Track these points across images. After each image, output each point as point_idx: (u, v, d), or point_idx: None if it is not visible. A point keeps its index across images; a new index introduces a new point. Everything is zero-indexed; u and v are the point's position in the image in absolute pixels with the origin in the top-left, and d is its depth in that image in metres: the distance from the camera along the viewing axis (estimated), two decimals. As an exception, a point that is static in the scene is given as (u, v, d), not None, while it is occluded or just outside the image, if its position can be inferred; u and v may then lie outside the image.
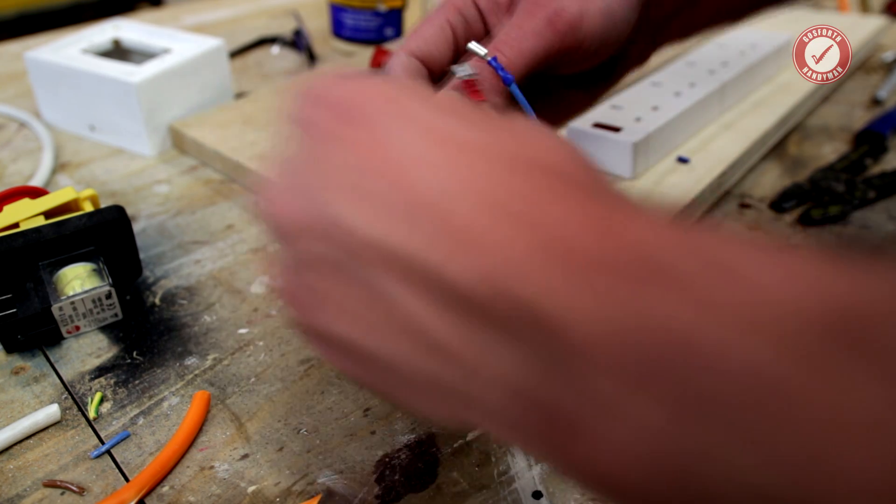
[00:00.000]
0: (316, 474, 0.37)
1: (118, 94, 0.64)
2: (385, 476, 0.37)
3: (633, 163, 0.56)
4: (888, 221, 0.58)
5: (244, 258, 0.53)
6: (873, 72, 0.83)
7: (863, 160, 0.64)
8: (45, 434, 0.39)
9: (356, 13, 0.86)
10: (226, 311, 0.48)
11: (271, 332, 0.46)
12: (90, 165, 0.65)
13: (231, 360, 0.44)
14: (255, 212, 0.26)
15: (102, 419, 0.40)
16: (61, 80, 0.67)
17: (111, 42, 0.72)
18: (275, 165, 0.26)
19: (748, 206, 0.59)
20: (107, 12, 1.04)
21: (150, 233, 0.56)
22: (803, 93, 0.70)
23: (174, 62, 0.66)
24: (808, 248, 0.20)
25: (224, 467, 0.37)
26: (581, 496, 0.36)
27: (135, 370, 0.43)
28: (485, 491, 0.36)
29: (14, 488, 0.36)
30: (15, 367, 0.44)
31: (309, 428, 0.40)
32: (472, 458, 0.38)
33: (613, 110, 0.60)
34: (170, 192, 0.61)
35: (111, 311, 0.46)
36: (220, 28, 0.97)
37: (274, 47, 0.91)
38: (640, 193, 0.30)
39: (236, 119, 0.67)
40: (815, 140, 0.70)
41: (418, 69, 0.39)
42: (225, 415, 0.40)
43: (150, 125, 0.65)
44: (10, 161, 0.66)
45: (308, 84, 0.27)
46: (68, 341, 0.45)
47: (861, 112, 0.74)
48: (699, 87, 0.63)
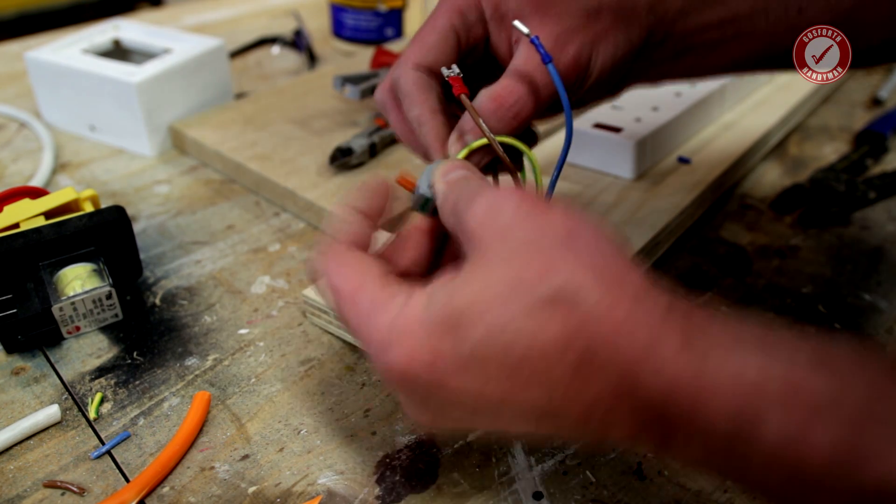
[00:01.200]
0: (316, 475, 0.37)
1: (118, 94, 0.64)
2: (386, 477, 0.37)
3: (634, 163, 0.56)
4: (888, 221, 0.58)
5: (244, 258, 0.53)
6: (873, 72, 0.83)
7: (863, 160, 0.64)
8: (46, 434, 0.39)
9: (356, 13, 0.86)
10: (226, 312, 0.48)
11: (271, 333, 0.46)
12: (90, 166, 0.65)
13: (231, 361, 0.44)
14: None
15: (103, 419, 0.40)
16: (61, 80, 0.67)
17: (111, 42, 0.72)
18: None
19: (749, 207, 0.59)
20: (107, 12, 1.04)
21: (151, 233, 0.56)
22: (803, 93, 0.70)
23: (174, 62, 0.66)
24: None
25: (224, 468, 0.37)
26: (581, 497, 0.36)
27: (135, 371, 0.43)
28: (485, 492, 0.36)
29: (14, 489, 0.36)
30: (15, 368, 0.44)
31: (309, 428, 0.40)
32: (472, 459, 0.38)
33: (614, 110, 0.60)
34: (170, 193, 0.61)
35: (111, 312, 0.46)
36: (220, 28, 0.97)
37: (274, 47, 0.91)
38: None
39: (236, 119, 0.67)
40: (816, 140, 0.70)
41: (428, 84, 0.39)
42: (225, 415, 0.40)
43: (150, 125, 0.65)
44: (10, 161, 0.66)
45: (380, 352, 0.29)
46: (68, 342, 0.45)
47: (861, 112, 0.74)
48: (699, 87, 0.63)
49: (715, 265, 0.53)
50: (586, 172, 0.58)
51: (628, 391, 0.26)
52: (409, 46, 0.40)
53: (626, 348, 0.25)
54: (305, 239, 0.55)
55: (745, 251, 0.54)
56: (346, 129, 0.66)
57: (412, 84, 0.39)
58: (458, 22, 0.40)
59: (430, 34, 0.40)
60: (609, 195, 0.55)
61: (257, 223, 0.57)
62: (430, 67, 0.39)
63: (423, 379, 0.28)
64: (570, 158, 0.59)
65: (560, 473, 0.37)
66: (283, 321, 0.47)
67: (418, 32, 0.41)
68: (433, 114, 0.38)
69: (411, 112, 0.39)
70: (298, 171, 0.59)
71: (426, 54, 0.39)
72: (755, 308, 0.49)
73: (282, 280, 0.51)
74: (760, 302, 0.49)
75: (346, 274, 0.31)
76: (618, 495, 0.36)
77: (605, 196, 0.55)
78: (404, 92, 0.39)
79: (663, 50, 0.42)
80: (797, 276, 0.52)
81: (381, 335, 0.29)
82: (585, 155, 0.58)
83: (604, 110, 0.60)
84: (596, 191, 0.55)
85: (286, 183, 0.57)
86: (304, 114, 0.69)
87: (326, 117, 0.68)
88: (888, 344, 0.46)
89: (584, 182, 0.57)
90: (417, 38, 0.40)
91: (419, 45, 0.40)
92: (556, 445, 0.38)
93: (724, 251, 0.54)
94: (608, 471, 0.37)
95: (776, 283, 0.51)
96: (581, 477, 0.37)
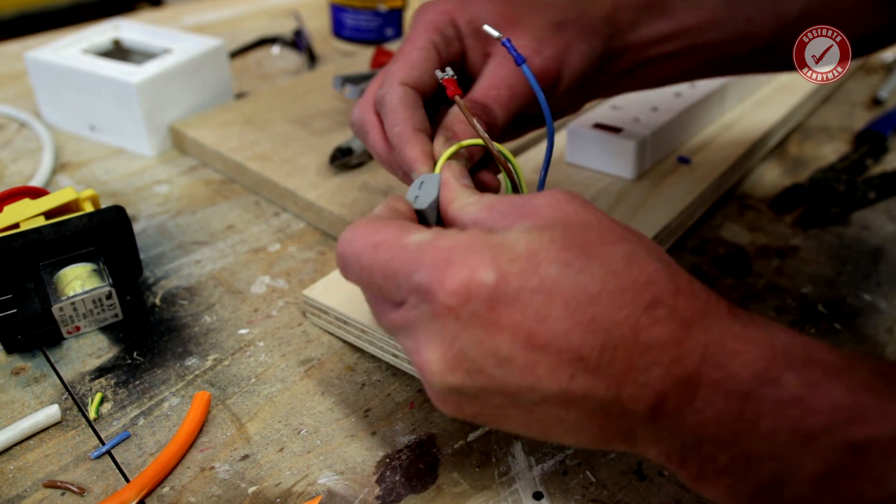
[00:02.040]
0: (316, 475, 0.37)
1: (118, 94, 0.64)
2: (386, 477, 0.37)
3: (634, 163, 0.55)
4: (888, 222, 0.58)
5: (244, 258, 0.53)
6: (873, 72, 0.83)
7: (863, 160, 0.64)
8: (46, 435, 0.39)
9: (357, 13, 0.86)
10: (226, 312, 0.48)
11: (272, 333, 0.46)
12: (90, 165, 0.65)
13: (231, 361, 0.44)
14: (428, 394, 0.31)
15: (103, 420, 0.40)
16: (61, 80, 0.67)
17: (111, 42, 0.72)
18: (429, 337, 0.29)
19: (749, 207, 0.59)
20: (107, 12, 1.04)
21: (151, 233, 0.56)
22: (803, 93, 0.70)
23: (174, 62, 0.66)
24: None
25: (224, 468, 0.37)
26: (581, 497, 0.36)
27: (135, 371, 0.43)
28: (485, 492, 0.36)
29: (14, 489, 0.36)
30: (15, 368, 0.44)
31: (309, 429, 0.40)
32: (472, 459, 0.38)
33: (613, 111, 0.60)
34: (170, 193, 0.61)
35: (111, 312, 0.46)
36: (220, 28, 0.97)
37: (274, 47, 0.91)
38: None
39: (236, 119, 0.67)
40: (816, 140, 0.70)
41: (415, 100, 0.40)
42: (225, 415, 0.40)
43: (150, 125, 0.65)
44: (10, 161, 0.66)
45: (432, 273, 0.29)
46: (68, 342, 0.45)
47: (861, 112, 0.74)
48: (699, 87, 0.63)
49: (715, 265, 0.53)
50: (586, 172, 0.58)
51: (676, 343, 0.27)
52: (393, 65, 0.41)
53: (684, 307, 0.28)
54: (305, 239, 0.55)
55: (745, 251, 0.54)
56: (346, 129, 0.66)
57: (399, 100, 0.39)
58: (437, 39, 0.41)
59: (413, 51, 0.41)
60: (609, 195, 0.55)
61: (257, 223, 0.57)
62: (414, 84, 0.40)
63: (479, 299, 0.27)
64: (570, 158, 0.59)
65: (560, 473, 0.37)
66: (283, 321, 0.47)
67: (400, 51, 0.41)
68: (419, 131, 0.39)
69: (395, 128, 0.39)
70: (298, 171, 0.59)
71: (411, 71, 0.40)
72: (755, 308, 0.49)
73: (282, 280, 0.51)
74: (760, 302, 0.49)
75: (383, 227, 0.31)
76: (618, 495, 0.36)
77: (605, 196, 0.55)
78: (391, 107, 0.39)
79: (621, 62, 0.45)
80: (797, 276, 0.52)
81: (440, 254, 0.28)
82: (585, 155, 0.58)
83: (604, 110, 0.60)
84: (596, 191, 0.55)
85: (286, 183, 0.57)
86: (304, 114, 0.69)
87: (326, 117, 0.68)
88: (888, 344, 0.46)
89: (584, 182, 0.57)
90: (401, 57, 0.41)
91: (403, 63, 0.40)
92: (557, 445, 0.38)
93: (724, 251, 0.54)
94: (608, 471, 0.37)
95: (776, 283, 0.51)
96: (581, 477, 0.37)
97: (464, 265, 0.28)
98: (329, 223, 0.55)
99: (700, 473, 0.28)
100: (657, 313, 0.28)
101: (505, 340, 0.27)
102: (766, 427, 0.26)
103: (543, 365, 0.27)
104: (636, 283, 0.28)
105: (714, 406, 0.27)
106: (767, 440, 0.26)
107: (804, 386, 0.26)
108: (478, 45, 0.42)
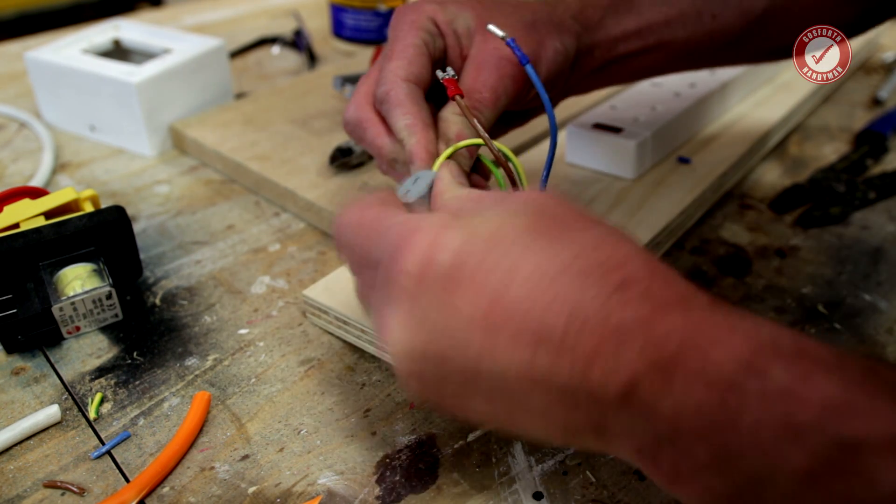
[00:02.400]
0: (316, 475, 0.37)
1: (118, 94, 0.64)
2: (386, 477, 0.37)
3: (634, 163, 0.55)
4: (888, 222, 0.58)
5: (244, 258, 0.53)
6: (873, 72, 0.83)
7: (863, 160, 0.64)
8: (46, 435, 0.39)
9: (357, 13, 0.86)
10: (226, 312, 0.48)
11: (272, 333, 0.46)
12: (90, 166, 0.65)
13: (231, 361, 0.44)
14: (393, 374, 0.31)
15: (103, 420, 0.40)
16: (61, 80, 0.67)
17: (111, 42, 0.72)
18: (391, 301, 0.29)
19: (749, 207, 0.59)
20: (107, 12, 1.04)
21: (151, 233, 0.56)
22: (803, 93, 0.70)
23: (174, 62, 0.66)
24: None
25: (224, 468, 0.37)
26: (581, 497, 0.36)
27: (135, 371, 0.43)
28: (485, 492, 0.36)
29: (14, 489, 0.36)
30: (15, 368, 0.44)
31: (309, 429, 0.40)
32: (472, 459, 0.38)
33: (613, 111, 0.60)
34: (170, 193, 0.61)
35: (111, 312, 0.46)
36: (220, 28, 0.97)
37: (274, 47, 0.91)
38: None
39: (236, 119, 0.67)
40: (816, 140, 0.70)
41: (420, 96, 0.40)
42: (225, 415, 0.40)
43: (150, 125, 0.65)
44: (10, 161, 0.66)
45: (404, 239, 0.29)
46: (68, 342, 0.45)
47: (861, 112, 0.74)
48: (699, 87, 0.63)
49: (715, 265, 0.53)
50: (586, 172, 0.58)
51: (650, 325, 0.26)
52: (390, 62, 0.41)
53: (660, 290, 0.27)
54: (305, 239, 0.55)
55: (745, 251, 0.54)
56: (346, 129, 0.66)
57: (406, 95, 0.39)
58: (425, 37, 0.42)
59: (408, 48, 0.41)
60: (609, 195, 0.55)
61: (257, 223, 0.57)
62: (415, 80, 0.40)
63: (435, 273, 0.27)
64: (570, 159, 0.59)
65: (560, 473, 0.37)
66: (283, 321, 0.47)
67: (393, 49, 0.41)
68: (428, 126, 0.39)
69: (404, 120, 0.39)
70: (298, 171, 0.59)
71: (410, 68, 0.40)
72: (755, 308, 0.49)
73: (282, 280, 0.51)
74: (760, 302, 0.49)
75: (369, 208, 0.33)
76: (618, 495, 0.36)
77: (605, 196, 0.55)
78: (398, 102, 0.39)
79: (592, 59, 0.46)
80: (797, 276, 0.52)
81: (406, 229, 0.29)
82: (585, 155, 0.58)
83: (604, 110, 0.60)
84: (596, 191, 0.55)
85: (286, 183, 0.57)
86: (304, 114, 0.69)
87: (326, 117, 0.68)
88: (888, 344, 0.46)
89: (584, 182, 0.57)
90: (396, 54, 0.41)
91: (401, 60, 0.40)
92: (557, 446, 0.38)
93: (724, 251, 0.54)
94: (608, 471, 0.37)
95: (776, 283, 0.51)
96: (581, 477, 0.37)
97: (424, 239, 0.28)
98: (329, 223, 0.55)
99: (675, 472, 0.26)
100: (628, 294, 0.27)
101: (461, 317, 0.27)
102: (750, 420, 0.24)
103: (502, 342, 0.27)
104: (604, 265, 0.27)
105: (693, 395, 0.25)
106: (751, 434, 0.24)
107: (793, 378, 0.24)
108: (456, 45, 0.42)
